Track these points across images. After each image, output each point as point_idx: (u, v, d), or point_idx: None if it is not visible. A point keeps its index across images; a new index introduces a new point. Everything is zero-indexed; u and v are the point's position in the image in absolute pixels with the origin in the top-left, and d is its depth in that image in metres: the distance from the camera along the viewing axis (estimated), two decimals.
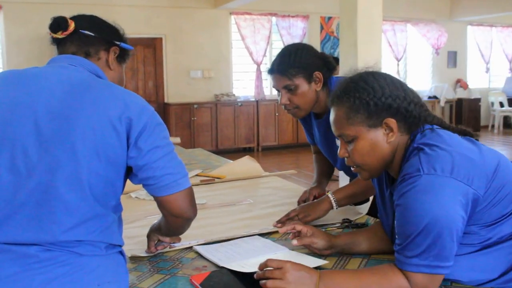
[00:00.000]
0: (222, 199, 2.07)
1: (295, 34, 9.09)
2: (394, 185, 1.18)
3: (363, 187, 1.69)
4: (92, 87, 1.14)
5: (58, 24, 1.23)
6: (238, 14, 8.72)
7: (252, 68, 8.95)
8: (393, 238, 1.26)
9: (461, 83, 11.06)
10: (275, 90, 1.78)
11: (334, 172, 2.11)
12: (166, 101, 8.37)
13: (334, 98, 1.22)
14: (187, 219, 1.23)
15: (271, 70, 1.75)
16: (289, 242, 1.44)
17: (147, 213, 1.85)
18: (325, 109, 1.80)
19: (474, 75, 11.49)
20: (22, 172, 1.06)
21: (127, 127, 1.11)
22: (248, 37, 8.78)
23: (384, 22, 6.41)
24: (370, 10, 5.34)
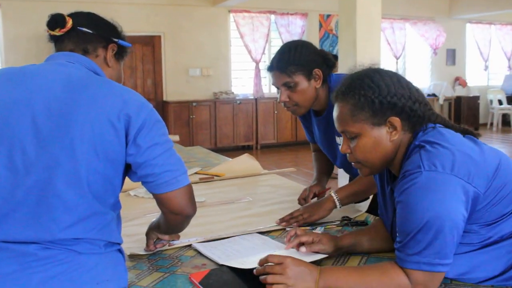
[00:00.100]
0: (221, 197, 2.07)
1: (294, 32, 9.09)
2: (395, 182, 1.18)
3: (366, 186, 1.68)
4: (90, 84, 1.13)
5: (56, 21, 1.23)
6: (237, 12, 8.71)
7: (251, 66, 8.95)
8: (393, 235, 1.26)
9: (460, 81, 11.06)
10: (275, 87, 1.77)
11: (333, 169, 2.10)
12: (164, 99, 8.36)
13: (339, 94, 1.21)
14: (187, 216, 1.23)
15: (271, 67, 1.74)
16: (290, 230, 1.42)
17: (146, 211, 1.85)
18: (324, 106, 1.80)
19: (473, 73, 11.49)
20: (20, 170, 1.05)
21: (126, 124, 1.10)
22: (247, 35, 8.78)
23: (382, 20, 6.40)
24: (369, 8, 5.34)
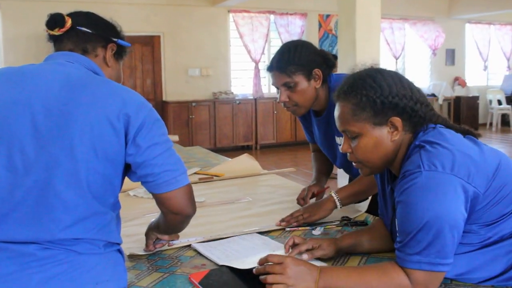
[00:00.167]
0: (221, 197, 2.07)
1: (293, 32, 9.09)
2: (395, 181, 1.18)
3: (366, 186, 1.68)
4: (89, 84, 1.13)
5: (55, 21, 1.22)
6: (236, 12, 8.71)
7: (250, 66, 8.95)
8: (393, 235, 1.26)
9: (459, 81, 11.06)
10: (274, 87, 1.76)
11: (332, 170, 2.10)
12: (164, 99, 8.35)
13: (341, 93, 1.21)
14: (186, 216, 1.23)
15: (270, 67, 1.73)
16: (288, 239, 1.43)
17: (146, 211, 1.84)
18: (324, 106, 1.79)
19: (472, 73, 11.50)
20: (19, 170, 1.05)
21: (125, 124, 1.10)
22: (246, 35, 8.77)
23: (382, 20, 6.41)
24: (368, 8, 5.35)
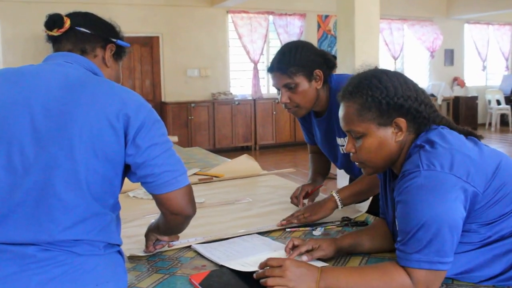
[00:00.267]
0: (221, 198, 2.07)
1: (292, 32, 9.09)
2: (396, 181, 1.18)
3: (368, 186, 1.67)
4: (88, 84, 1.13)
5: (54, 21, 1.22)
6: (235, 13, 8.71)
7: (249, 66, 8.94)
8: (394, 235, 1.26)
9: (458, 81, 11.08)
10: (275, 88, 1.75)
11: (330, 171, 2.09)
12: (163, 100, 8.35)
13: (346, 93, 1.21)
14: (187, 217, 1.22)
15: (271, 68, 1.72)
16: (288, 240, 1.43)
17: (145, 212, 1.84)
18: (325, 107, 1.79)
19: (471, 73, 11.51)
20: (19, 170, 1.05)
21: (125, 124, 1.09)
22: (245, 35, 8.78)
23: (381, 20, 6.40)
24: (367, 8, 5.35)
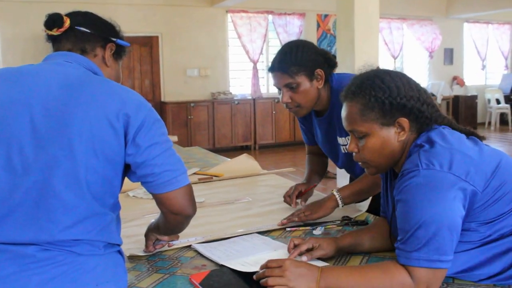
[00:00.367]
0: (221, 197, 2.07)
1: (292, 32, 9.09)
2: (395, 180, 1.19)
3: (368, 185, 1.67)
4: (88, 84, 1.12)
5: (53, 20, 1.22)
6: (235, 12, 8.71)
7: (248, 66, 8.94)
8: (392, 232, 1.26)
9: (457, 80, 11.08)
10: (276, 88, 1.74)
11: (328, 171, 2.08)
12: (162, 99, 8.35)
13: (349, 93, 1.22)
14: (187, 216, 1.22)
15: (272, 68, 1.71)
16: (288, 239, 1.43)
17: (145, 211, 1.84)
18: (326, 106, 1.78)
19: (470, 72, 11.52)
20: (18, 170, 1.04)
21: (125, 124, 1.09)
22: (244, 35, 8.77)
23: (380, 20, 6.41)
24: (367, 8, 5.35)
